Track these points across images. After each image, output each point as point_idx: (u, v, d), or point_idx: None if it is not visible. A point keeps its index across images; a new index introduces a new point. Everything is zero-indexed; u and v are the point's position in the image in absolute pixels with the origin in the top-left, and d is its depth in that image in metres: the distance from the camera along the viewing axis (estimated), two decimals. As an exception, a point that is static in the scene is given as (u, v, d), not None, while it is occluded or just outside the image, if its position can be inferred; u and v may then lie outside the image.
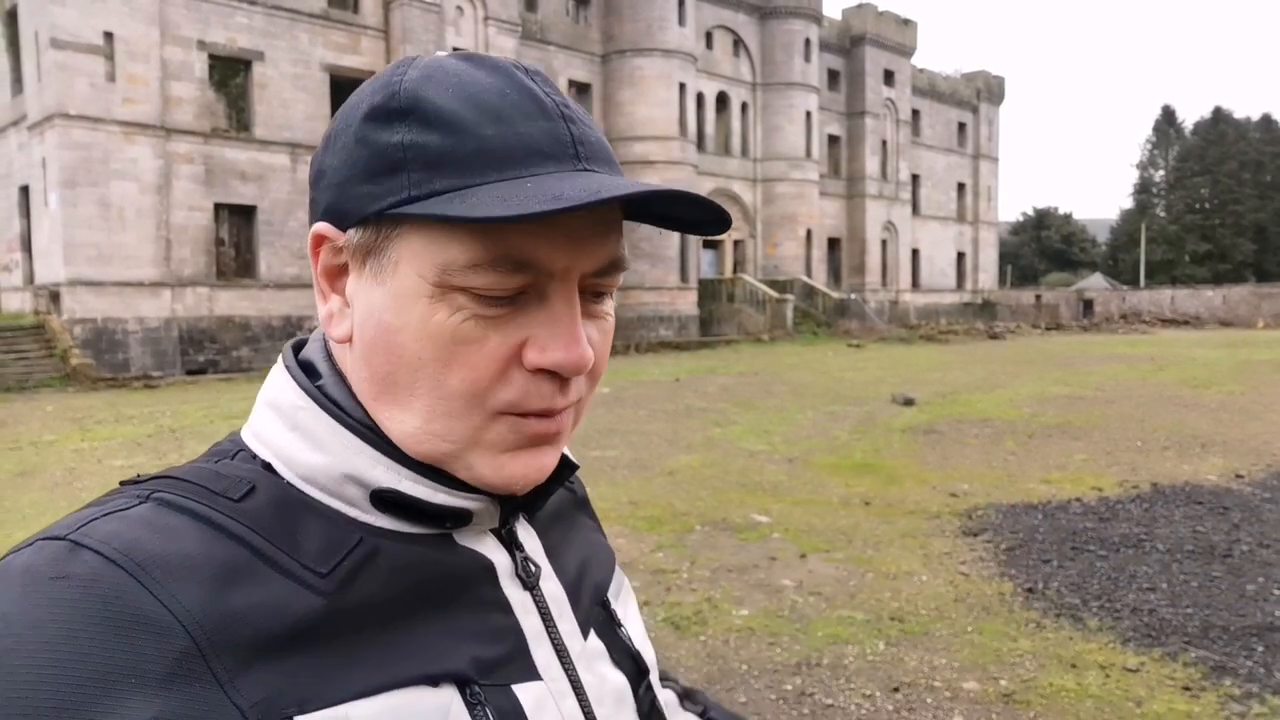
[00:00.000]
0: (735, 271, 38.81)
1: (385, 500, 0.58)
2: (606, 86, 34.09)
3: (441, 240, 0.54)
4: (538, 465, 0.59)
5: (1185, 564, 5.83)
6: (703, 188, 34.97)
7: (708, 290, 36.18)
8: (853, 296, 39.94)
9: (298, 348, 0.65)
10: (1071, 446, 10.36)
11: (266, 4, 25.05)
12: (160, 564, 0.49)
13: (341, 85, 26.82)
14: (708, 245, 38.71)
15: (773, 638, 4.75)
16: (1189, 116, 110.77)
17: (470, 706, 0.55)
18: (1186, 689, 4.04)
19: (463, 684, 0.55)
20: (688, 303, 34.67)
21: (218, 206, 24.62)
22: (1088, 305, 53.74)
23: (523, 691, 0.59)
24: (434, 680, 0.54)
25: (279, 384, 0.62)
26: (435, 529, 0.60)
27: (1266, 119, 70.65)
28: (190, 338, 23.47)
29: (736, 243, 40.27)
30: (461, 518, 0.60)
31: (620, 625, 0.72)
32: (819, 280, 40.87)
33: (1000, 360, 22.90)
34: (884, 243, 45.94)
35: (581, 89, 33.89)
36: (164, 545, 0.50)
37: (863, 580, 5.70)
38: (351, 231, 0.57)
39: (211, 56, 24.36)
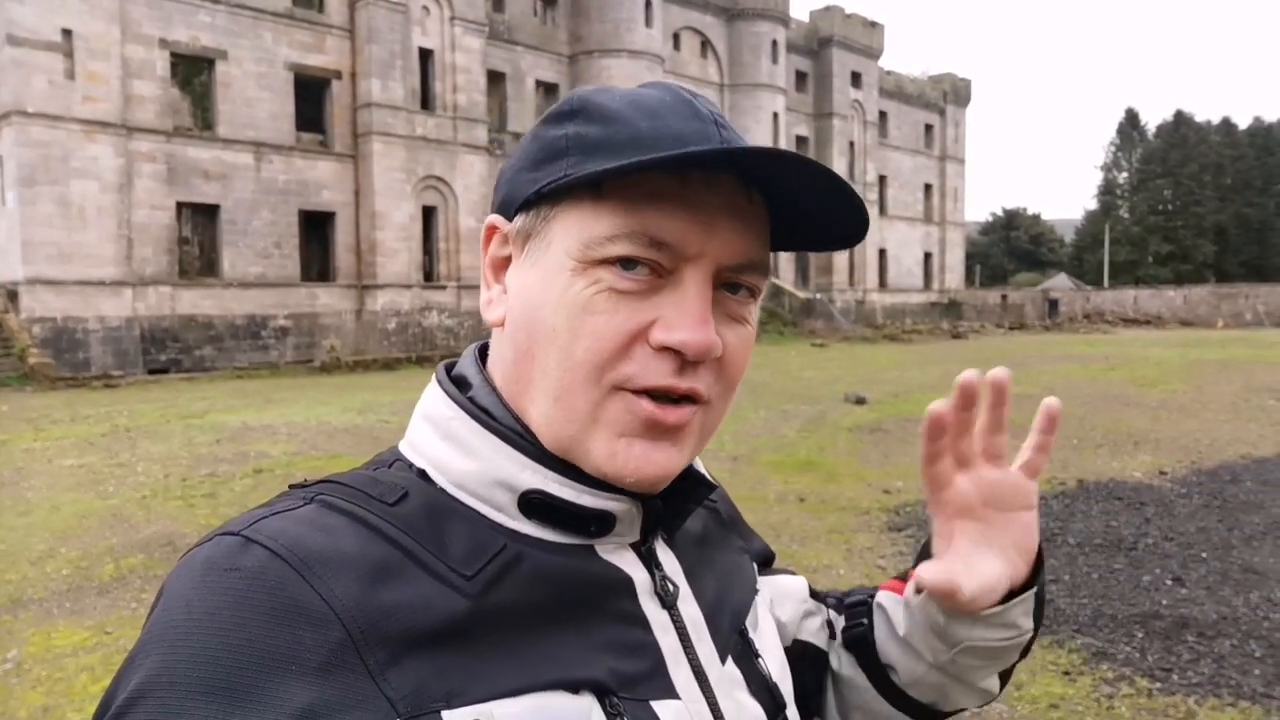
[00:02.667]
0: (703, 271, 38.98)
1: (532, 504, 0.60)
2: (574, 87, 34.10)
3: (588, 218, 0.58)
4: (651, 460, 0.58)
5: (1091, 557, 6.10)
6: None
7: (675, 290, 36.34)
8: (819, 296, 40.35)
9: (450, 366, 0.69)
10: (1009, 445, 10.64)
11: (230, 2, 24.94)
12: (320, 559, 0.51)
13: (306, 84, 26.77)
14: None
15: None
16: (1152, 119, 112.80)
17: (610, 717, 0.56)
18: (1066, 673, 4.28)
19: (602, 694, 0.56)
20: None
21: (180, 205, 24.53)
22: (1053, 305, 54.56)
23: (661, 708, 0.59)
24: (574, 687, 0.55)
25: (432, 398, 0.65)
26: (579, 538, 0.61)
27: (1226, 122, 72.06)
28: (152, 337, 23.36)
29: (705, 243, 40.50)
30: (605, 522, 0.61)
31: (758, 655, 0.71)
32: (786, 280, 41.25)
33: (959, 360, 23.27)
34: (852, 243, 46.37)
35: (549, 90, 34.01)
36: (325, 543, 0.52)
37: (783, 574, 5.91)
38: (517, 218, 0.62)
39: (174, 55, 24.27)
